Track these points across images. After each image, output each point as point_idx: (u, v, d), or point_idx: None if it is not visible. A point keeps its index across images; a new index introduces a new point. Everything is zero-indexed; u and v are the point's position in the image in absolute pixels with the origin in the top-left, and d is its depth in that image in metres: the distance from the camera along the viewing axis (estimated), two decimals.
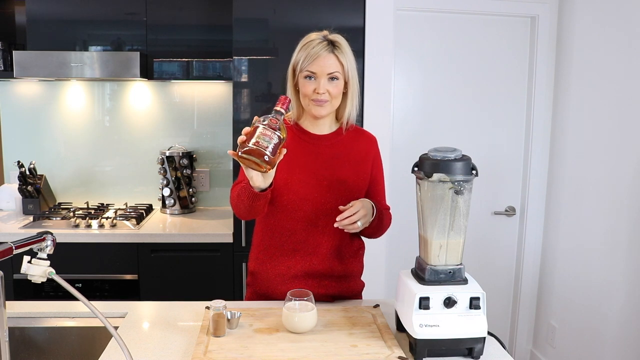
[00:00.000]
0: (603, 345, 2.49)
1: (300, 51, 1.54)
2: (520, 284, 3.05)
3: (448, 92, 2.91)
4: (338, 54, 1.53)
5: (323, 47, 1.52)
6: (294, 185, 1.59)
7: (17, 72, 2.56)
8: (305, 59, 1.52)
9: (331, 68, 1.52)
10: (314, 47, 1.51)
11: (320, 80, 1.52)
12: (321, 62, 1.51)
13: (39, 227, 2.54)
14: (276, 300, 1.65)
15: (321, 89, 1.52)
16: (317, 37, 1.54)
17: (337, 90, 1.54)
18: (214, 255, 2.53)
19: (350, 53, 1.57)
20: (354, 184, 1.62)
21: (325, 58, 1.51)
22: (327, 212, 1.58)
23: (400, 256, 2.73)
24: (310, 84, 1.53)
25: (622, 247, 2.39)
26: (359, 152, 1.65)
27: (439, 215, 1.33)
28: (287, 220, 1.61)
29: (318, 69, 1.51)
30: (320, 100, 1.53)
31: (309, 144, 1.62)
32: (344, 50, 1.54)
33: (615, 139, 2.44)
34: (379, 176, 1.70)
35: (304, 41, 1.56)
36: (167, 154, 2.89)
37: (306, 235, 1.61)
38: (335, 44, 1.53)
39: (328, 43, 1.53)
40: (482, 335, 1.29)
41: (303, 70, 1.53)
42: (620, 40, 2.40)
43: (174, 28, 2.77)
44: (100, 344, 1.47)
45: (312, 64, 1.51)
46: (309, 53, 1.51)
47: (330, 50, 1.52)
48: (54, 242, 1.24)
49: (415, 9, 2.78)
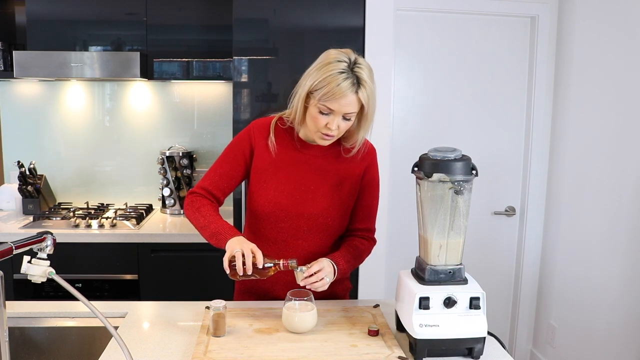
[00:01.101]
0: (603, 345, 2.49)
1: (322, 79, 1.41)
2: (520, 284, 3.05)
3: (448, 92, 2.91)
4: (361, 94, 1.42)
5: (348, 86, 1.40)
6: (278, 196, 1.56)
7: (17, 72, 2.57)
8: (327, 94, 1.40)
9: (350, 109, 1.43)
10: (339, 83, 1.39)
11: (335, 118, 1.44)
12: (342, 102, 1.41)
13: (39, 227, 2.54)
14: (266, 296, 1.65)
15: (334, 126, 1.44)
16: (342, 68, 1.40)
17: (346, 127, 1.48)
18: (214, 255, 2.52)
19: (373, 84, 1.46)
20: (340, 199, 1.57)
21: (348, 98, 1.41)
22: (310, 224, 1.57)
23: (400, 256, 2.73)
24: (324, 119, 1.44)
25: (622, 247, 2.39)
26: (349, 166, 1.59)
27: (439, 215, 1.33)
28: (270, 230, 1.59)
29: (337, 107, 1.42)
30: (328, 135, 1.48)
31: (299, 153, 1.58)
32: (367, 86, 1.43)
33: (615, 139, 2.44)
34: (368, 188, 1.62)
35: (329, 67, 1.41)
36: (167, 154, 2.89)
37: (286, 247, 1.58)
38: (361, 82, 1.41)
39: (354, 82, 1.40)
40: (482, 335, 1.29)
41: (321, 102, 1.42)
42: (621, 40, 2.40)
43: (174, 28, 2.77)
44: (100, 344, 1.47)
45: (332, 102, 1.41)
46: (332, 90, 1.39)
47: (355, 90, 1.41)
48: (54, 242, 1.24)
49: (415, 9, 2.78)
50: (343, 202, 1.58)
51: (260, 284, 1.65)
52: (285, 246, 1.59)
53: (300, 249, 1.58)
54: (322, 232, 1.58)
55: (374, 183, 1.64)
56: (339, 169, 1.58)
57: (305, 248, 1.58)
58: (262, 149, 1.58)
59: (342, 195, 1.58)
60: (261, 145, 1.58)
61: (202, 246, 2.52)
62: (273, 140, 1.56)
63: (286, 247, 1.59)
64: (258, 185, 1.58)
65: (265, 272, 1.41)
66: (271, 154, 1.57)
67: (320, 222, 1.57)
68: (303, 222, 1.56)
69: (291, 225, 1.57)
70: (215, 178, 1.60)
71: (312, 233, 1.58)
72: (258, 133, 1.58)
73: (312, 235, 1.58)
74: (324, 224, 1.57)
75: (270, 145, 1.56)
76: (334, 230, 1.60)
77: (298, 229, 1.57)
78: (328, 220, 1.57)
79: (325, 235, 1.59)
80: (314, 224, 1.57)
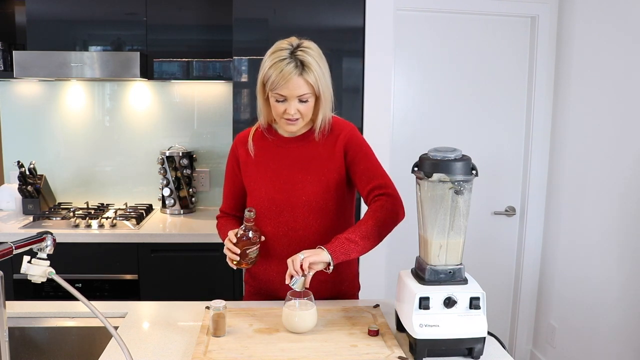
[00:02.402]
0: (603, 345, 2.49)
1: (269, 68, 1.49)
2: (520, 284, 3.05)
3: (448, 92, 2.91)
4: (307, 76, 1.48)
5: (292, 69, 1.47)
6: (269, 192, 1.62)
7: (17, 72, 2.56)
8: (274, 81, 1.48)
9: (301, 90, 1.49)
10: (282, 69, 1.47)
11: (291, 103, 1.51)
12: (290, 86, 1.48)
13: (39, 227, 2.54)
14: (275, 296, 1.66)
15: (292, 110, 1.51)
16: (285, 54, 1.48)
17: (307, 109, 1.54)
18: (214, 255, 2.53)
19: (322, 64, 1.52)
20: (328, 181, 1.60)
21: (294, 81, 1.47)
22: (305, 216, 1.60)
23: (400, 256, 2.72)
24: (281, 105, 1.52)
25: (622, 247, 2.39)
26: (328, 147, 1.61)
27: (439, 215, 1.33)
28: (269, 226, 1.62)
29: (287, 92, 1.49)
30: (290, 120, 1.54)
31: (279, 148, 1.64)
32: (313, 68, 1.49)
33: (615, 139, 2.44)
34: (358, 158, 1.60)
35: (272, 56, 1.50)
36: (167, 154, 2.89)
37: (288, 240, 1.61)
38: (305, 64, 1.48)
39: (296, 64, 1.47)
40: (482, 335, 1.29)
41: (273, 91, 1.50)
42: (621, 40, 2.40)
43: (174, 28, 2.77)
44: (100, 344, 1.47)
45: (282, 88, 1.48)
46: (277, 76, 1.47)
47: (299, 72, 1.48)
48: (54, 242, 1.24)
49: (415, 9, 2.78)
50: (332, 183, 1.60)
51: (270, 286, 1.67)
52: (287, 240, 1.61)
53: (304, 239, 1.60)
54: (320, 217, 1.60)
55: (363, 151, 1.62)
56: (318, 152, 1.62)
57: (308, 237, 1.60)
58: (245, 156, 1.67)
59: (329, 176, 1.60)
60: (243, 153, 1.67)
61: (202, 246, 2.53)
62: (251, 143, 1.65)
63: (288, 240, 1.61)
64: (250, 188, 1.66)
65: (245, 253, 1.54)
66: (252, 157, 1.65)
67: (314, 208, 1.60)
68: (299, 212, 1.60)
69: (289, 217, 1.60)
70: (226, 199, 1.77)
71: (311, 220, 1.60)
72: (239, 144, 1.69)
73: (311, 223, 1.60)
74: (318, 209, 1.60)
75: (250, 148, 1.65)
76: (331, 212, 1.62)
77: (296, 220, 1.60)
78: (321, 204, 1.60)
79: (324, 219, 1.61)
80: (310, 210, 1.60)
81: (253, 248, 1.55)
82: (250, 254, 1.55)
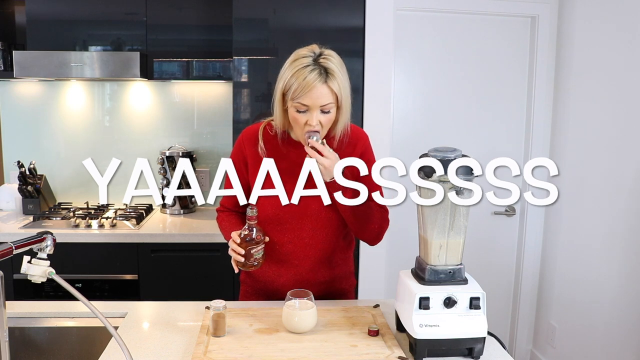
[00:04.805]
0: (603, 345, 2.49)
1: (291, 77, 1.43)
2: (520, 284, 3.05)
3: (448, 92, 2.91)
4: (331, 84, 1.43)
5: (316, 77, 1.41)
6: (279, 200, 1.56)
7: (17, 72, 2.56)
8: (297, 89, 1.42)
9: (324, 100, 1.43)
10: (305, 77, 1.41)
11: (313, 113, 1.44)
12: (314, 95, 1.42)
13: (39, 227, 2.54)
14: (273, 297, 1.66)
15: (314, 121, 1.45)
16: (307, 61, 1.43)
17: (328, 121, 1.49)
18: (214, 255, 2.53)
19: (344, 72, 1.48)
20: None
21: (319, 89, 1.41)
22: (312, 225, 1.58)
23: (400, 256, 2.72)
24: (302, 116, 1.46)
25: (621, 247, 2.39)
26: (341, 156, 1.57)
27: (439, 215, 1.33)
28: (275, 233, 1.60)
29: (310, 102, 1.43)
30: (311, 132, 1.48)
31: (292, 154, 1.59)
32: (337, 75, 1.44)
33: (615, 139, 2.44)
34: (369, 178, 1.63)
35: (294, 64, 1.44)
36: (167, 154, 2.89)
37: (293, 247, 1.60)
38: (329, 72, 1.43)
39: (320, 72, 1.42)
40: (482, 335, 1.29)
41: (294, 100, 1.44)
42: (621, 40, 2.40)
43: (174, 28, 2.77)
44: (100, 344, 1.47)
45: (305, 97, 1.42)
46: (300, 84, 1.41)
47: (324, 80, 1.42)
48: (54, 242, 1.24)
49: (415, 8, 2.78)
50: None
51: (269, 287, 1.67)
52: (292, 247, 1.60)
53: (308, 248, 1.60)
54: (327, 228, 1.59)
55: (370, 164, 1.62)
56: None
57: (314, 245, 1.59)
58: (254, 156, 1.60)
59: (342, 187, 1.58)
60: (252, 154, 1.60)
61: (202, 246, 2.53)
62: (262, 147, 1.58)
63: (293, 247, 1.60)
64: None
65: (250, 253, 1.50)
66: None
67: (324, 217, 1.58)
68: (306, 221, 1.58)
69: (295, 225, 1.58)
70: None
71: (317, 230, 1.59)
72: (247, 142, 1.62)
73: (318, 232, 1.59)
74: (327, 219, 1.58)
75: (261, 152, 1.58)
76: (339, 224, 1.61)
77: (302, 229, 1.59)
78: (331, 214, 1.58)
79: (331, 230, 1.60)
80: (317, 220, 1.58)
81: (257, 248, 1.52)
82: (255, 254, 1.53)
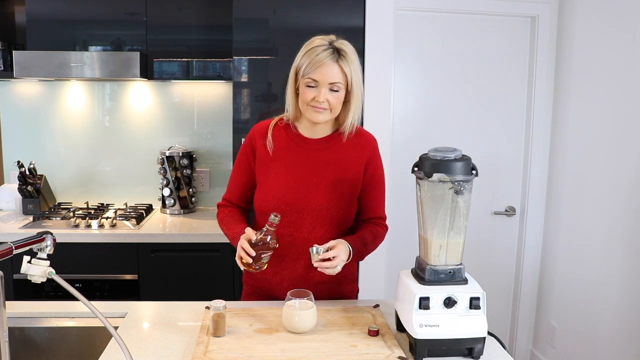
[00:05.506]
0: (603, 345, 2.49)
1: (303, 56, 1.50)
2: (520, 284, 3.05)
3: (448, 92, 2.91)
4: (342, 64, 1.49)
5: (328, 55, 1.47)
6: (280, 191, 1.58)
7: (17, 72, 2.56)
8: (309, 65, 1.48)
9: (334, 78, 1.48)
10: (318, 53, 1.47)
11: (321, 89, 1.49)
12: (324, 71, 1.47)
13: (39, 227, 2.54)
14: (272, 295, 1.66)
15: (321, 97, 1.49)
16: (322, 43, 1.49)
17: (337, 101, 1.52)
18: (214, 255, 2.53)
19: (357, 62, 1.53)
20: (342, 190, 1.59)
21: (329, 67, 1.47)
22: (312, 220, 1.58)
23: (400, 256, 2.72)
24: (311, 91, 1.50)
25: (622, 247, 2.39)
26: (351, 157, 1.61)
27: (439, 215, 1.33)
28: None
29: (320, 77, 1.48)
30: (318, 107, 1.51)
31: (300, 148, 1.61)
32: (349, 59, 1.50)
33: (615, 139, 2.44)
34: (373, 181, 1.64)
35: (308, 45, 1.52)
36: (167, 154, 2.89)
37: (292, 240, 1.60)
38: (341, 53, 1.49)
39: (333, 51, 1.48)
40: (482, 335, 1.29)
41: (305, 76, 1.49)
42: (621, 40, 2.40)
43: (174, 28, 2.77)
44: (100, 344, 1.47)
45: (315, 72, 1.47)
46: (312, 60, 1.47)
47: (335, 59, 1.48)
48: (54, 242, 1.24)
49: (415, 9, 2.78)
50: (345, 193, 1.60)
51: (265, 285, 1.67)
52: (291, 240, 1.60)
53: (307, 242, 1.59)
54: (327, 224, 1.60)
55: (378, 174, 1.66)
56: (339, 160, 1.60)
57: (312, 240, 1.59)
58: (262, 149, 1.62)
59: (345, 186, 1.60)
60: (261, 146, 1.63)
61: (202, 246, 2.53)
62: (270, 138, 1.61)
63: (292, 240, 1.60)
64: (262, 183, 1.62)
65: (259, 257, 1.47)
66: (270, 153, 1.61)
67: (324, 214, 1.58)
68: (307, 216, 1.58)
69: (296, 219, 1.59)
70: (233, 187, 1.70)
71: (317, 226, 1.59)
72: (258, 135, 1.64)
73: (317, 228, 1.59)
74: (328, 216, 1.59)
75: (268, 144, 1.61)
76: (339, 221, 1.61)
77: (303, 223, 1.59)
78: (332, 211, 1.58)
79: (330, 227, 1.60)
80: (318, 216, 1.58)
81: (268, 253, 1.50)
82: (264, 259, 1.50)
